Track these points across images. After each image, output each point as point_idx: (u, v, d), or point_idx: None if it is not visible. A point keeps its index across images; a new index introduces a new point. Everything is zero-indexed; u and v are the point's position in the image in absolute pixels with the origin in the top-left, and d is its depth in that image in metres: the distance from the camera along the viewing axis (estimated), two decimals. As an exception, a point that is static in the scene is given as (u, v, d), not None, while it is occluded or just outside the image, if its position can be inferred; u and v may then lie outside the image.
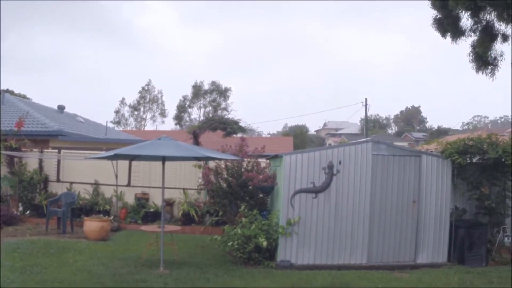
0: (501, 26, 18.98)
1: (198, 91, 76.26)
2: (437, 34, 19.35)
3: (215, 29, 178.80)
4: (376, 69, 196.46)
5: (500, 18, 18.05)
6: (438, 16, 19.11)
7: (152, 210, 19.99)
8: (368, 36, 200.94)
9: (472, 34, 19.01)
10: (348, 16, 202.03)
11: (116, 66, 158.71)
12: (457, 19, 18.74)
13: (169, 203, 20.26)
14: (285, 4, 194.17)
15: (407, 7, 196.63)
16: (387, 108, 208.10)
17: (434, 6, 18.76)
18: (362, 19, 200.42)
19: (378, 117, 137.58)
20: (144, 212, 19.85)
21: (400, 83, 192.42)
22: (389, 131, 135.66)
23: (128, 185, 21.01)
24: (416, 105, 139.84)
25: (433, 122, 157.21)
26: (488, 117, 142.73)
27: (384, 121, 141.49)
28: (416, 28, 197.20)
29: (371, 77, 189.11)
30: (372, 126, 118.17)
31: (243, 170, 15.82)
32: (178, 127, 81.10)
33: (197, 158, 14.22)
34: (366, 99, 61.41)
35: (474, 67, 19.32)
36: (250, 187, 15.48)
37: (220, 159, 14.93)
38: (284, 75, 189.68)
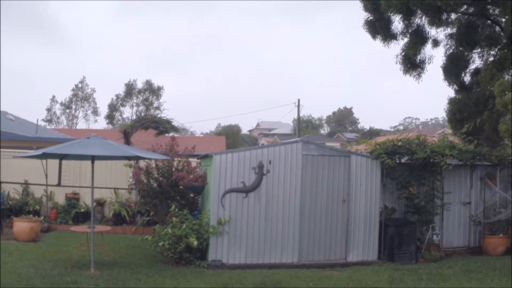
0: (432, 31, 19.48)
1: (130, 90, 75.61)
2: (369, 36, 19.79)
3: (147, 26, 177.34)
4: (309, 69, 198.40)
5: (431, 22, 18.49)
6: (370, 18, 19.47)
7: (83, 210, 19.66)
8: (301, 36, 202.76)
9: (403, 37, 19.44)
10: (281, 15, 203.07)
11: (48, 63, 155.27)
12: (389, 22, 19.14)
13: (100, 203, 20.01)
14: (216, 2, 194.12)
15: (341, 7, 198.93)
16: (320, 108, 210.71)
17: (366, 8, 19.11)
18: (295, 19, 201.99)
19: (310, 117, 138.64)
20: (74, 212, 19.50)
21: (333, 84, 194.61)
22: (322, 131, 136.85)
23: (59, 185, 20.63)
24: (348, 106, 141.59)
25: (365, 123, 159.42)
26: (419, 119, 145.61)
27: (317, 122, 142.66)
28: (349, 30, 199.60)
29: (304, 77, 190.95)
30: (304, 127, 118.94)
31: (173, 169, 15.73)
32: (110, 126, 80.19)
33: (128, 158, 14.06)
34: (298, 100, 61.91)
35: (402, 69, 19.83)
36: (181, 187, 15.40)
37: (150, 159, 14.79)
38: (218, 75, 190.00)
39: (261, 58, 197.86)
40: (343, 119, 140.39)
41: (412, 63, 19.54)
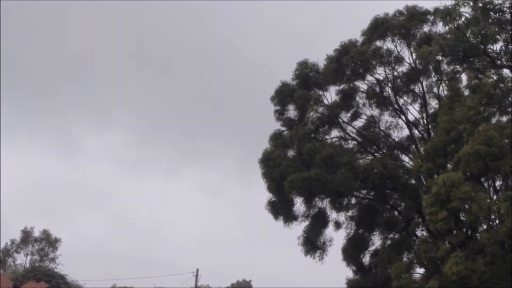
0: (332, 214, 20.23)
1: (27, 237, 73.35)
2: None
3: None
4: (211, 240, 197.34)
5: (333, 206, 19.22)
6: (273, 199, 20.07)
7: None
8: (205, 206, 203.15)
9: (305, 219, 20.05)
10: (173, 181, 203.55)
11: None
12: (291, 203, 19.70)
13: None
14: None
15: (249, 190, 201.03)
16: (219, 278, 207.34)
17: (270, 189, 19.70)
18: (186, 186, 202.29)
19: (208, 287, 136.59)
20: None
21: (233, 255, 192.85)
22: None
23: None
24: (247, 279, 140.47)
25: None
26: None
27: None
28: (250, 206, 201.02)
29: (205, 246, 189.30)
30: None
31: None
32: (1, 271, 76.78)
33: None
34: (197, 270, 61.00)
35: (303, 250, 20.20)
36: None
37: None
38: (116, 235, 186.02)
39: (159, 220, 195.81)
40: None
41: (313, 245, 19.96)
